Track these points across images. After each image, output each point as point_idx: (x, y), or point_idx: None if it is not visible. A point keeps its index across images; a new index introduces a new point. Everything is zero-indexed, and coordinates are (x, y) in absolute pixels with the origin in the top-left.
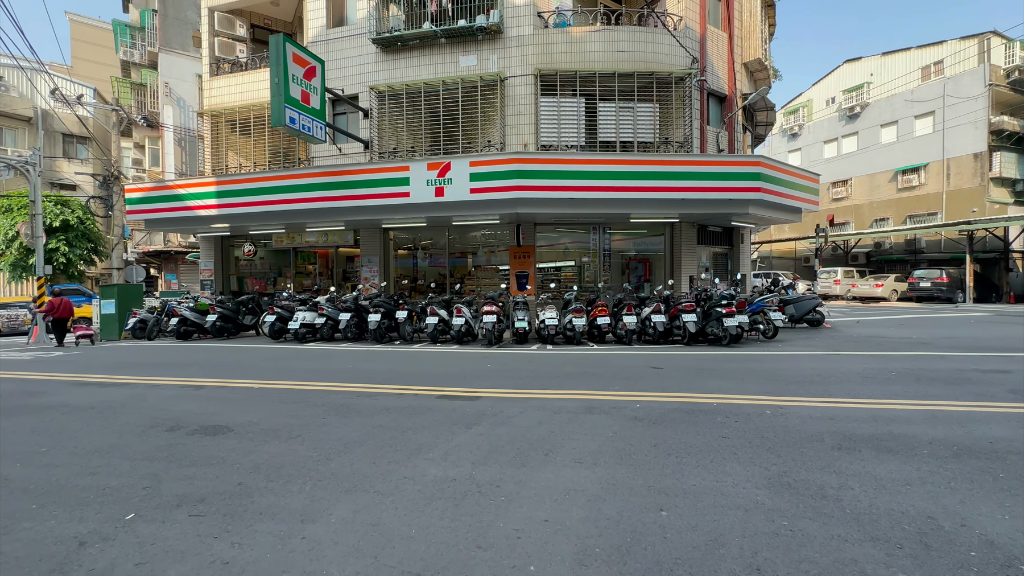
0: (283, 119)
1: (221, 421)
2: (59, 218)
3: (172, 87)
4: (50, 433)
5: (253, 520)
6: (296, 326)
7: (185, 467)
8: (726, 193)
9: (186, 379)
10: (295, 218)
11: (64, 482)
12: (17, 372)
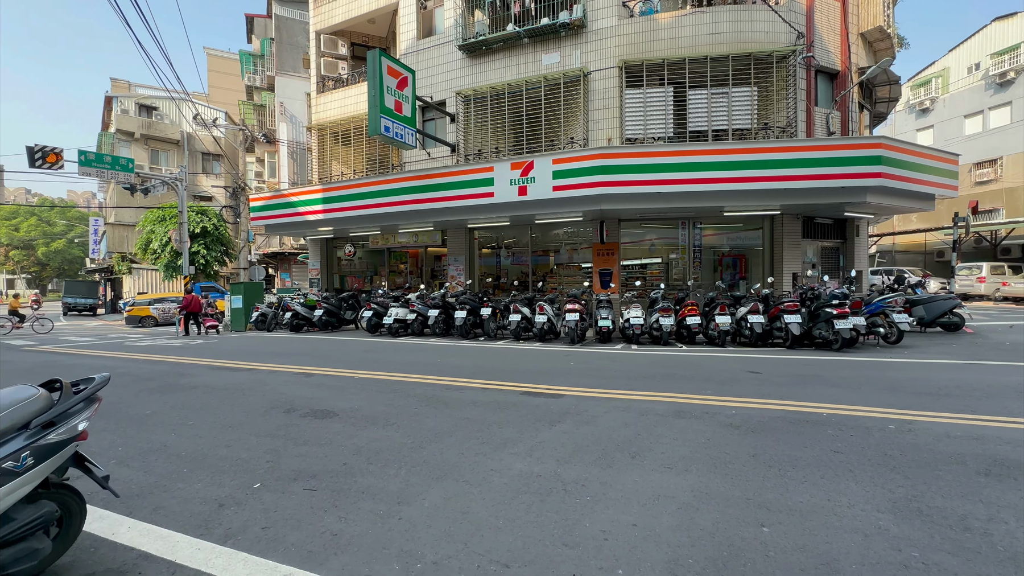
0: (379, 128)
1: (328, 406)
2: (199, 225)
3: (286, 106)
4: (195, 409)
5: (356, 498)
6: (390, 321)
7: (299, 445)
8: (838, 181)
9: (298, 367)
10: (389, 220)
11: (206, 451)
12: (169, 356)
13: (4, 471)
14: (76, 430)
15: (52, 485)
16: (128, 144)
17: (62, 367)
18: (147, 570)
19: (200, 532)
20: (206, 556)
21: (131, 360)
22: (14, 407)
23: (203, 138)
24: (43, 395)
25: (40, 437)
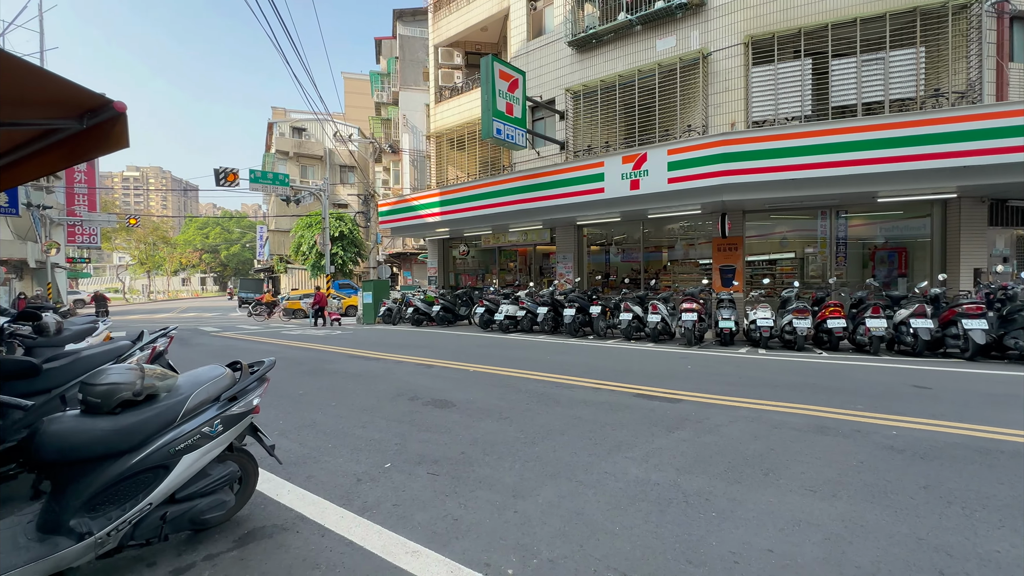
0: (491, 131)
1: (447, 397)
2: (338, 230)
3: (408, 117)
4: (336, 392)
5: (474, 487)
6: (500, 318)
7: (423, 431)
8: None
9: (419, 358)
10: (500, 220)
11: (346, 430)
12: (316, 344)
13: (204, 434)
14: (252, 404)
15: (234, 449)
16: (284, 161)
17: (237, 350)
18: (303, 530)
19: (343, 502)
20: (348, 525)
21: (287, 347)
22: (210, 382)
23: (340, 152)
24: (228, 374)
25: (227, 408)
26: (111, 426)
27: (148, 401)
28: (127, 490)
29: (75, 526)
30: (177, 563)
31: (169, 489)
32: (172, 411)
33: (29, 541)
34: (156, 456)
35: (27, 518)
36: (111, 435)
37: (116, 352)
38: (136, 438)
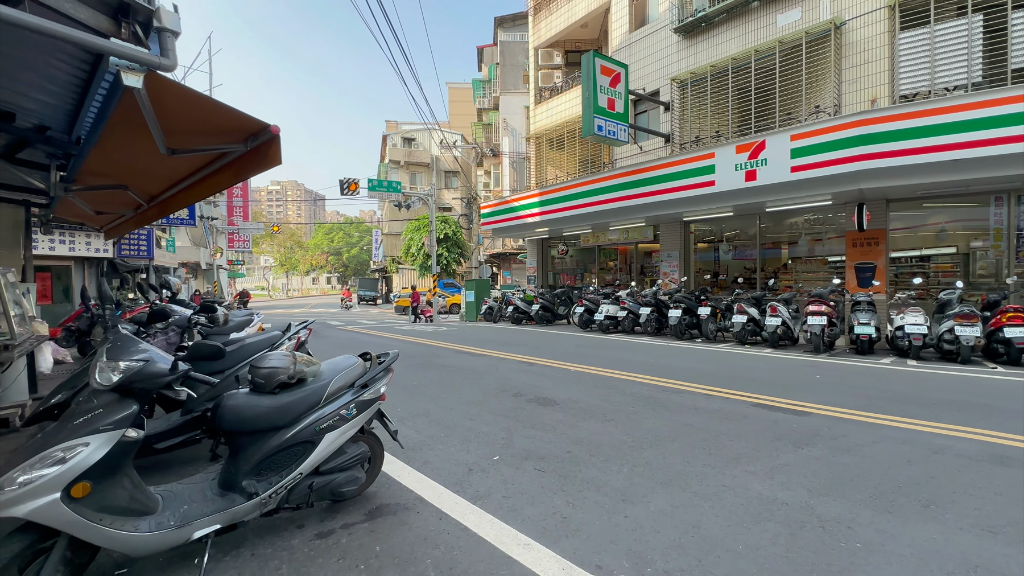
0: (592, 129)
1: (549, 395)
2: (443, 232)
3: (508, 121)
4: (446, 385)
5: (581, 487)
6: (600, 318)
7: (527, 428)
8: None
9: (521, 356)
10: (600, 218)
11: (456, 422)
12: (425, 339)
13: (341, 416)
14: (379, 392)
15: (364, 432)
16: (396, 170)
17: (359, 342)
18: (422, 510)
19: (456, 489)
20: (462, 511)
21: (400, 340)
22: (346, 370)
23: (445, 158)
24: (361, 363)
25: (360, 394)
26: (272, 404)
27: (299, 384)
28: (283, 460)
29: (246, 486)
30: (320, 528)
31: (315, 462)
32: (317, 394)
33: (213, 495)
34: (305, 432)
35: (212, 476)
36: (272, 411)
37: (270, 341)
38: (290, 415)
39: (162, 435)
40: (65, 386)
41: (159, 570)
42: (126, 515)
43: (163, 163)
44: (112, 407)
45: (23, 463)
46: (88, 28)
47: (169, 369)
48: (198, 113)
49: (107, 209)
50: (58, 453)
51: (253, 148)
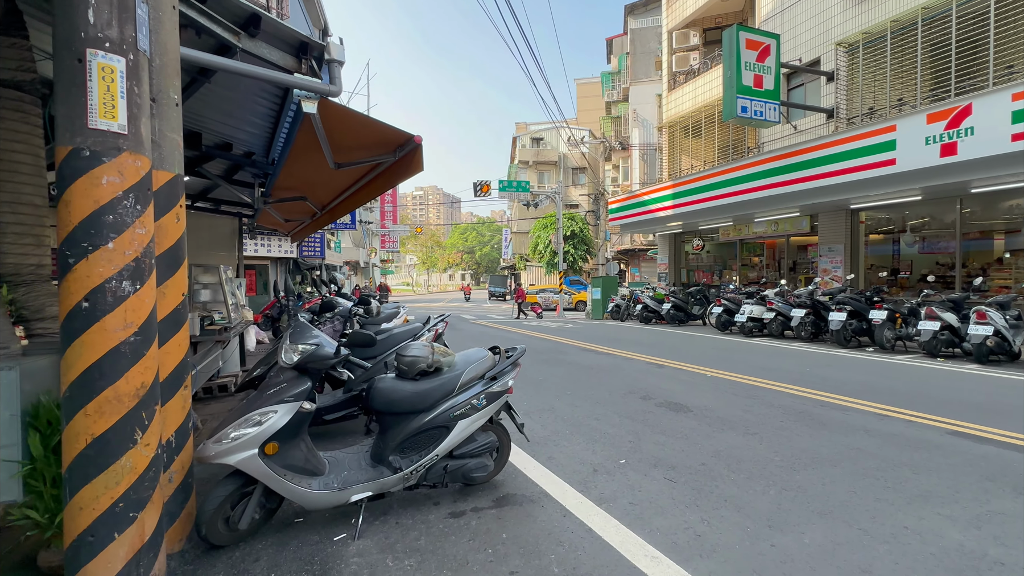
0: (734, 111)
1: (681, 400)
2: (569, 229)
3: (638, 112)
4: (571, 382)
5: (718, 504)
6: (743, 319)
7: (656, 433)
8: None
9: (649, 357)
10: (743, 209)
11: (580, 420)
12: (550, 336)
13: (473, 405)
14: (507, 385)
15: (493, 422)
16: (525, 170)
17: (488, 336)
18: (547, 506)
19: (581, 488)
20: (587, 512)
21: (526, 336)
22: (478, 362)
23: (572, 156)
24: (490, 356)
25: (490, 386)
26: (414, 389)
27: (436, 373)
28: (422, 441)
29: (392, 461)
30: (453, 508)
31: (449, 446)
32: (452, 383)
33: (366, 466)
34: (441, 418)
35: (365, 448)
36: (413, 396)
37: (412, 332)
38: (428, 401)
39: (329, 408)
40: (263, 362)
41: (325, 523)
42: (302, 473)
43: (332, 176)
44: (293, 382)
45: (234, 422)
46: (279, 68)
47: (333, 353)
48: (357, 130)
49: (292, 217)
50: (256, 417)
51: (401, 157)
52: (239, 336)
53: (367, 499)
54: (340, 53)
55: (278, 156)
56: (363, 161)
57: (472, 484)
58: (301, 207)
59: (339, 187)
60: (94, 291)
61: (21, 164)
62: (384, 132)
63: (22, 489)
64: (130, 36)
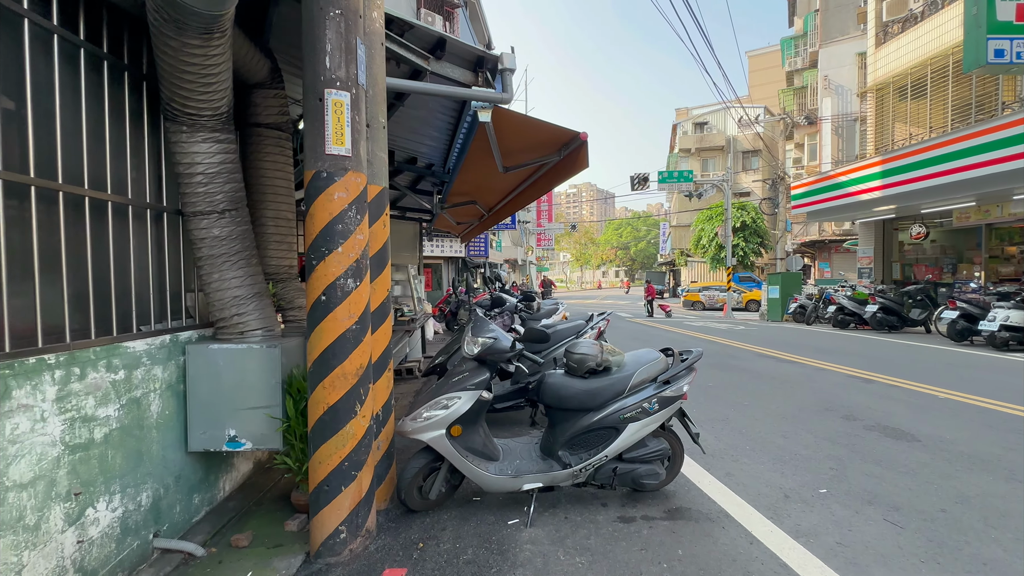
0: (983, 57)
1: (901, 425)
2: (739, 220)
3: (830, 78)
4: (746, 391)
5: (973, 567)
6: (993, 327)
7: (867, 463)
8: None
9: (850, 369)
10: (995, 184)
11: (763, 436)
12: (717, 337)
13: (644, 409)
14: (682, 390)
15: (665, 428)
16: (687, 158)
17: (648, 336)
18: (728, 527)
19: (770, 515)
20: (779, 543)
21: (689, 337)
22: (649, 364)
23: (743, 138)
24: (663, 359)
25: (662, 390)
26: (583, 387)
27: (605, 372)
28: (591, 440)
29: (561, 456)
30: (622, 512)
31: (618, 448)
32: (621, 384)
33: (537, 457)
34: (610, 419)
35: (535, 440)
36: (582, 394)
37: (575, 329)
38: (597, 400)
39: (497, 399)
40: (444, 351)
41: (499, 506)
42: (481, 456)
43: (500, 180)
44: (474, 372)
45: (426, 404)
46: (459, 83)
47: (509, 347)
48: (525, 133)
49: (463, 220)
50: (444, 401)
51: (566, 156)
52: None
53: (538, 489)
54: (512, 62)
55: (453, 165)
56: (529, 163)
57: (641, 490)
58: (471, 210)
59: (505, 189)
60: (328, 287)
61: (279, 187)
62: (550, 132)
63: (282, 441)
64: (353, 73)
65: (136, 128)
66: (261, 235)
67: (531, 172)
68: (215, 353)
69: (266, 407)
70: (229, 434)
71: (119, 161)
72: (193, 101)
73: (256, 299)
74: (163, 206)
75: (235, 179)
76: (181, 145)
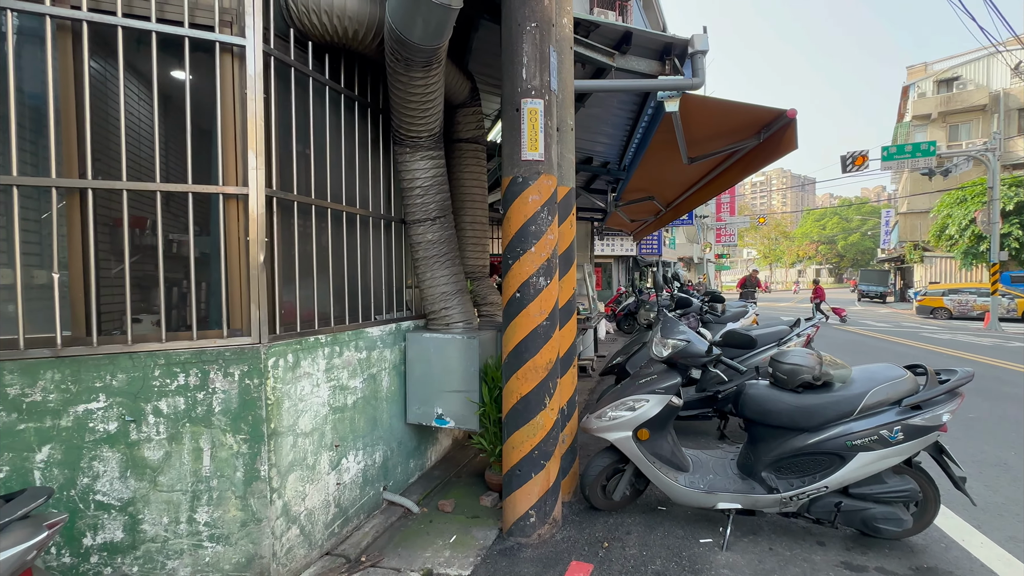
0: None
1: None
2: (1012, 201)
3: None
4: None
5: None
6: None
7: None
8: None
9: None
10: None
11: None
12: (976, 355)
13: (881, 437)
14: (939, 420)
15: (912, 465)
16: (923, 128)
17: (866, 347)
18: None
19: None
20: None
21: (926, 351)
22: (888, 383)
23: (1019, 92)
24: (910, 377)
25: (909, 417)
26: (795, 403)
27: (824, 388)
28: (805, 465)
29: (765, 478)
30: (846, 556)
31: (843, 480)
32: (848, 403)
33: (734, 475)
34: (832, 444)
35: (730, 456)
36: (794, 411)
37: (777, 336)
38: (814, 420)
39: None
40: (623, 352)
41: (688, 520)
42: (669, 465)
43: (682, 173)
44: (663, 375)
45: (611, 403)
46: (644, 75)
47: (704, 351)
48: (717, 118)
49: (637, 217)
50: (630, 402)
51: (767, 138)
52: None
53: (735, 511)
54: (704, 43)
55: (630, 161)
56: (719, 151)
57: (875, 536)
58: (647, 207)
59: (688, 182)
60: (522, 285)
61: (476, 194)
62: (749, 114)
63: (478, 423)
64: (546, 81)
65: (374, 152)
66: (461, 238)
67: (720, 161)
68: (427, 341)
69: (466, 391)
70: (437, 412)
71: (364, 180)
72: (416, 126)
73: (459, 295)
74: (391, 216)
75: (444, 190)
76: (405, 164)
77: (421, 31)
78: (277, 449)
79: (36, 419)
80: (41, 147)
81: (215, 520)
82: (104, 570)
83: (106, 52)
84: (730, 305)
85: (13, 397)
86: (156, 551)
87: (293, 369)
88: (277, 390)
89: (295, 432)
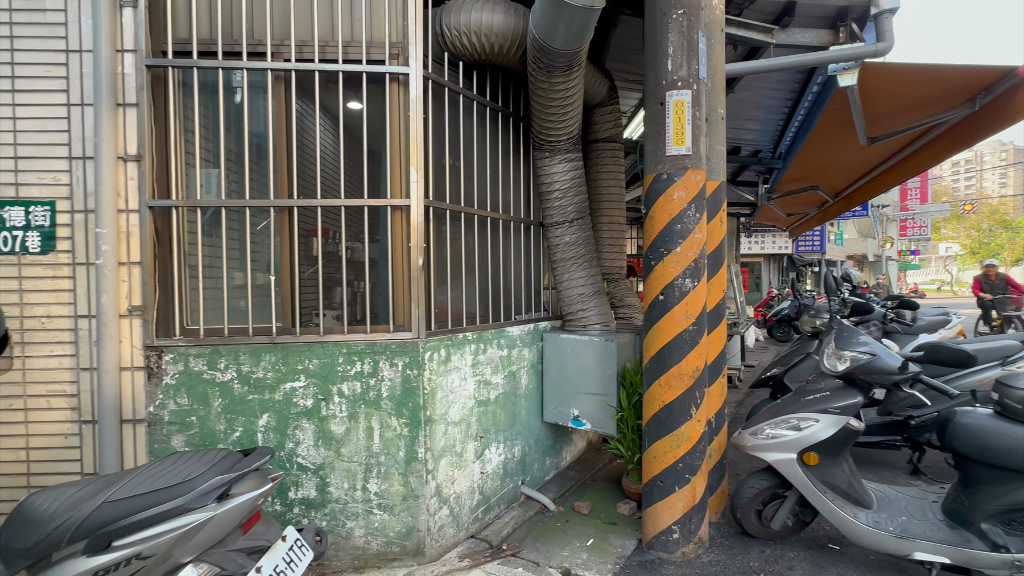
0: None
1: None
2: None
3: None
4: None
5: None
6: None
7: None
8: None
9: None
10: None
11: None
12: None
13: None
14: None
15: None
16: None
17: None
18: None
19: None
20: None
21: None
22: None
23: None
24: None
25: None
26: None
27: None
28: None
29: (986, 531)
30: None
31: None
32: None
33: (938, 521)
34: None
35: (932, 497)
36: None
37: (1003, 352)
38: None
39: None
40: (780, 363)
41: (869, 567)
42: (845, 498)
43: (857, 156)
44: (838, 393)
45: (770, 420)
46: (810, 48)
47: (898, 367)
48: (909, 88)
49: (794, 210)
50: (794, 420)
51: (984, 105)
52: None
53: (940, 567)
54: (892, 0)
55: (788, 148)
56: (912, 126)
57: None
58: (808, 198)
59: (863, 168)
60: (666, 287)
61: (613, 195)
62: (957, 77)
63: (615, 428)
64: (694, 70)
65: (515, 159)
66: (598, 239)
67: (913, 138)
68: (564, 342)
69: (603, 395)
70: (573, 412)
71: (505, 186)
72: (555, 130)
73: (596, 297)
74: (530, 219)
75: (581, 192)
76: (544, 168)
77: (563, 36)
78: (431, 434)
79: (259, 392)
80: (259, 175)
81: (382, 491)
82: (302, 520)
83: (301, 93)
84: (924, 313)
85: (245, 373)
86: (339, 511)
87: (445, 363)
88: (432, 381)
89: (446, 421)
